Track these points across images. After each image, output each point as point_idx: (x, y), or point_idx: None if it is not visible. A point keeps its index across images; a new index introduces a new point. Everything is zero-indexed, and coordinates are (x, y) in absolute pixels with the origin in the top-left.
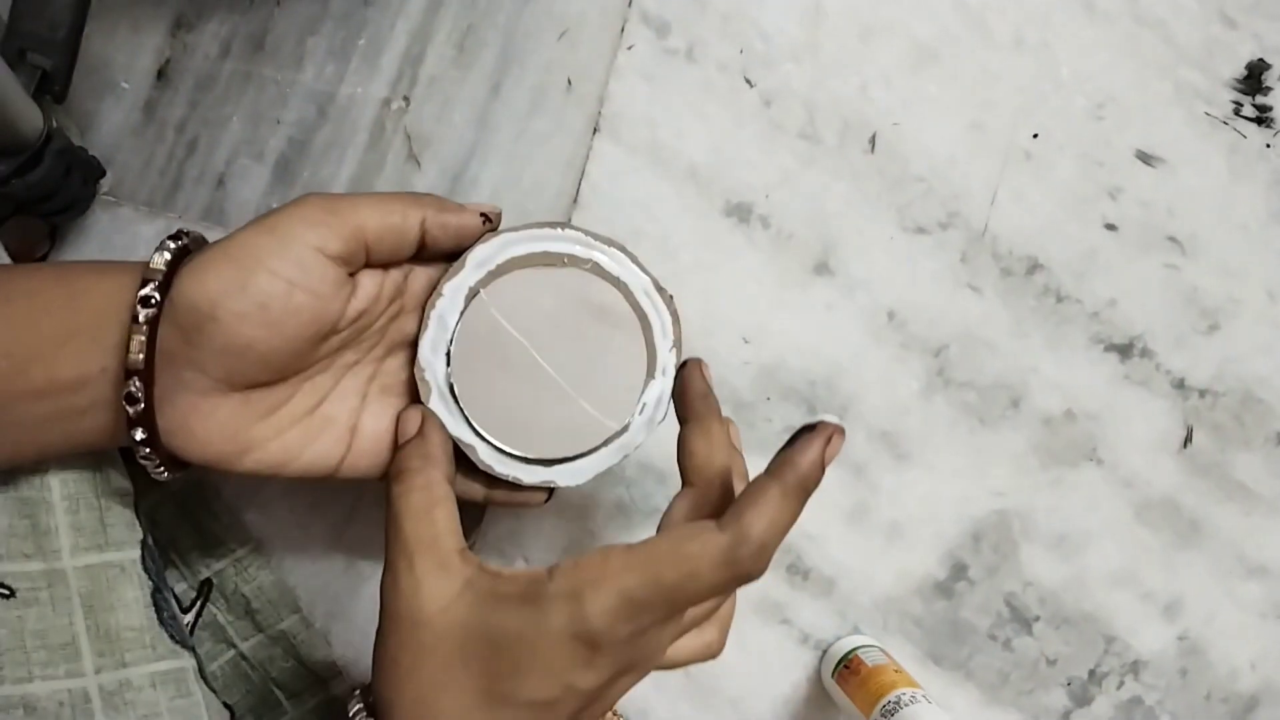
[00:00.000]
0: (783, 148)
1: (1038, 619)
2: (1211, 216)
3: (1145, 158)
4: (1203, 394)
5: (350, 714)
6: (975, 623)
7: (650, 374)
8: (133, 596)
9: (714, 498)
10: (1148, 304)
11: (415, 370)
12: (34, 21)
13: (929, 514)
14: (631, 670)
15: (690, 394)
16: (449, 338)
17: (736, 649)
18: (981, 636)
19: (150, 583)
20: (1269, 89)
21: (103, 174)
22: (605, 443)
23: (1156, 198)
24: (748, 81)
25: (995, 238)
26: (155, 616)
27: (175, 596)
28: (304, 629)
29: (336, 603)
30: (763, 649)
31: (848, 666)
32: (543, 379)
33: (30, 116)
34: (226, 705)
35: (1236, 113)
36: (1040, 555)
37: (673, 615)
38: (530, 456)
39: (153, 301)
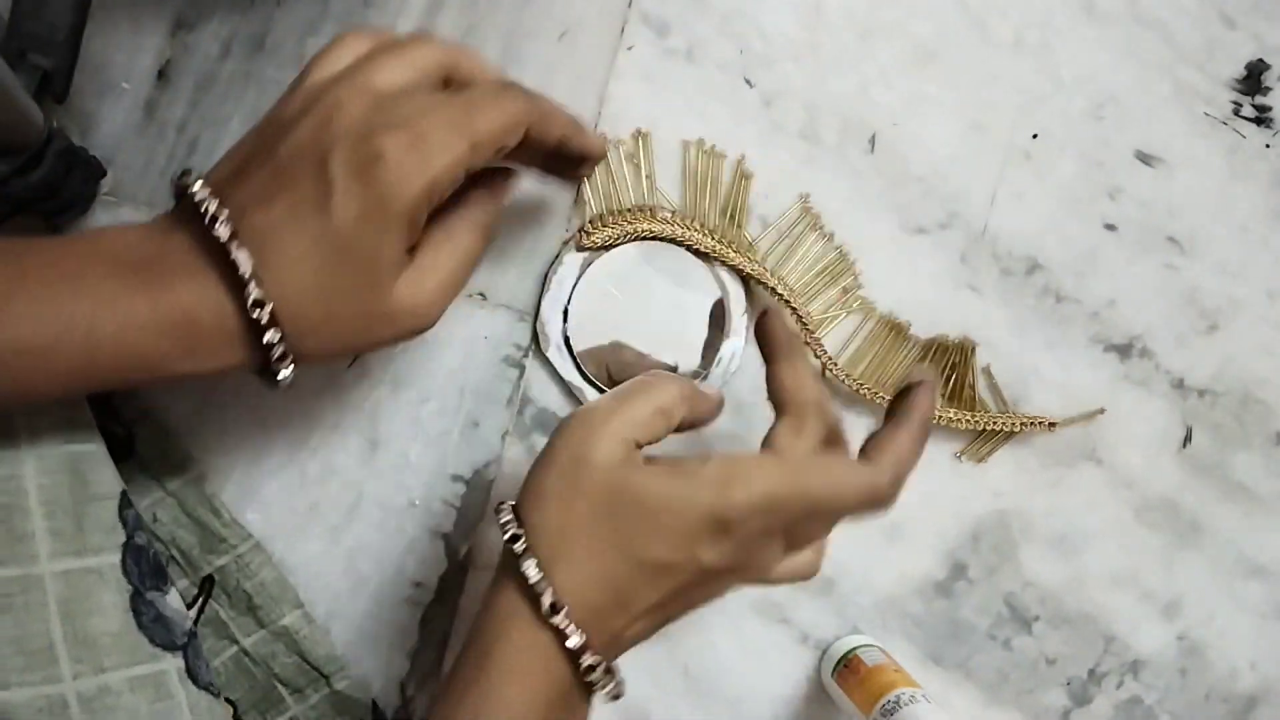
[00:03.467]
0: (783, 148)
1: (1037, 619)
2: (1211, 216)
3: (1145, 158)
4: (1202, 394)
5: (501, 520)
6: (975, 622)
7: (725, 334)
8: (110, 601)
9: (810, 421)
10: (1147, 304)
11: (537, 325)
12: (34, 22)
13: (929, 514)
14: (745, 569)
15: (774, 335)
16: (566, 298)
17: (736, 649)
18: (981, 636)
19: (130, 587)
20: (1268, 89)
21: (103, 174)
22: None
23: (1156, 198)
24: (748, 82)
25: (995, 238)
26: (135, 621)
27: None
28: (306, 624)
29: (337, 602)
30: (762, 649)
31: (847, 666)
32: (640, 335)
33: (31, 116)
34: (230, 701)
35: (1236, 113)
36: (1040, 555)
37: (805, 522)
38: None
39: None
